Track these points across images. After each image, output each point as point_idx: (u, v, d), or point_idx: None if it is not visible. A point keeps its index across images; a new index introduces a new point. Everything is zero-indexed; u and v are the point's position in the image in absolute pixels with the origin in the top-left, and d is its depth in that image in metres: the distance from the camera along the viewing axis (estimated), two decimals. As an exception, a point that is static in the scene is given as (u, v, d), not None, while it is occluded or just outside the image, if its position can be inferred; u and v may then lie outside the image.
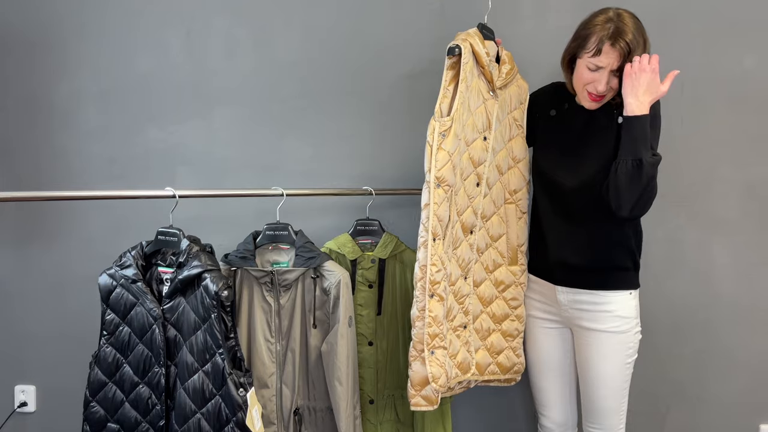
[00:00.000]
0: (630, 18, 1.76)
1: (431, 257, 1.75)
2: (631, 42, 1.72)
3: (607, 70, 1.76)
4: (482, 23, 1.93)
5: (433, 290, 1.77)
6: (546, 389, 2.07)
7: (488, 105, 1.90)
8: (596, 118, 1.89)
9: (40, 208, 2.37)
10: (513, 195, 2.02)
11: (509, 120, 1.99)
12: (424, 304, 1.77)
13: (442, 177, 1.75)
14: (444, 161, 1.75)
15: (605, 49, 1.74)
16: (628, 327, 1.90)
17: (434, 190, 1.74)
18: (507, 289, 2.04)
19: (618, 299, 1.90)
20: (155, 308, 1.80)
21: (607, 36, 1.73)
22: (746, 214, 2.27)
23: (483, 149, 1.89)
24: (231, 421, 1.74)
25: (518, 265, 2.04)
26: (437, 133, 1.75)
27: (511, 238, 2.03)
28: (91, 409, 1.90)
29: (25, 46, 2.32)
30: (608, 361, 1.91)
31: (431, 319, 1.77)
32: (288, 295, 1.96)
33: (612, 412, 1.94)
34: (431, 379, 1.78)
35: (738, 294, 2.31)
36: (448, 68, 1.79)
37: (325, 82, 2.29)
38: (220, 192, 2.25)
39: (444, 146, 1.74)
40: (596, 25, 1.76)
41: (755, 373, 2.33)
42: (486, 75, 1.87)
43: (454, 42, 1.79)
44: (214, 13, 2.29)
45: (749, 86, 2.23)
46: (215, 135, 2.32)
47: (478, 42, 1.83)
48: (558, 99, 1.98)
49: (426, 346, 1.78)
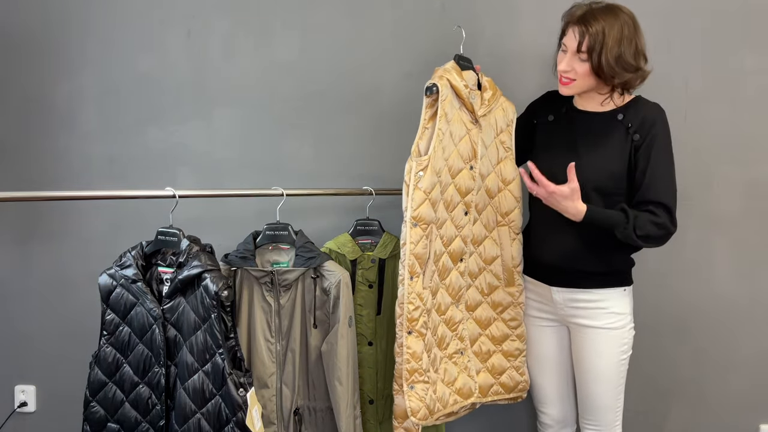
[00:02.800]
0: (613, 12, 1.77)
1: (408, 295, 1.79)
2: (594, 29, 1.73)
3: (570, 51, 1.80)
4: (458, 54, 1.94)
5: (411, 327, 1.80)
6: (543, 386, 2.07)
7: (472, 134, 1.91)
8: (596, 121, 1.89)
9: (40, 208, 2.37)
10: (505, 217, 2.02)
11: (496, 144, 1.99)
12: (402, 341, 1.80)
13: (419, 216, 1.77)
14: (420, 200, 1.77)
15: (568, 30, 1.80)
16: (622, 323, 1.91)
17: (411, 229, 1.77)
18: (505, 310, 2.04)
19: (613, 296, 1.91)
20: (155, 308, 1.80)
21: (573, 19, 1.78)
22: (746, 214, 2.27)
23: (470, 178, 1.91)
24: (231, 421, 1.74)
25: (515, 285, 2.03)
26: (413, 172, 1.78)
27: (506, 259, 2.02)
28: (91, 409, 1.90)
29: (25, 46, 2.32)
30: (603, 357, 1.92)
31: (409, 355, 1.80)
32: (288, 295, 1.96)
33: (608, 408, 1.95)
34: (410, 414, 1.81)
35: (738, 294, 2.31)
36: (427, 107, 1.83)
37: (325, 82, 2.29)
38: (220, 192, 2.25)
39: (420, 185, 1.77)
40: (579, 8, 1.81)
41: (755, 372, 2.33)
42: (467, 106, 1.88)
43: (431, 81, 1.82)
44: (214, 13, 2.29)
45: (750, 85, 2.23)
46: (215, 135, 2.32)
47: (455, 76, 1.85)
48: (555, 104, 1.99)
49: (405, 381, 1.81)
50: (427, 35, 2.26)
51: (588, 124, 1.90)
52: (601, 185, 1.85)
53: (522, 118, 2.06)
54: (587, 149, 1.88)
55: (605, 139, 1.87)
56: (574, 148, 1.90)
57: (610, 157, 1.85)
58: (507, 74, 2.20)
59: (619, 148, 1.85)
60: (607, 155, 1.85)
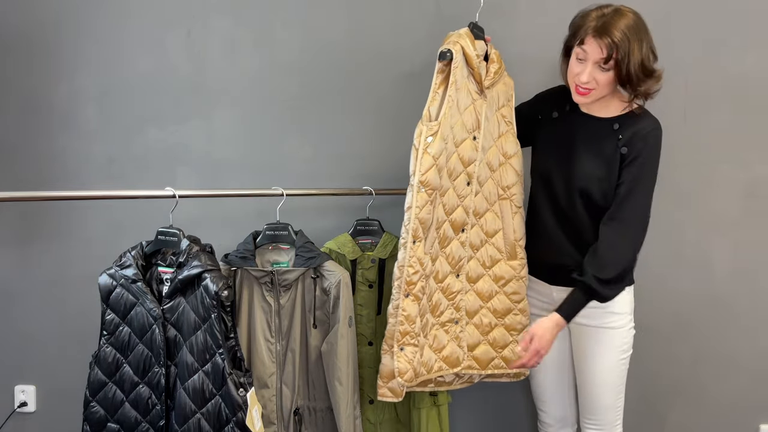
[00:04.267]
0: (626, 17, 1.74)
1: (409, 258, 1.80)
2: (619, 39, 1.71)
3: (590, 61, 1.76)
4: (473, 22, 1.93)
5: (408, 290, 1.82)
6: (544, 384, 2.08)
7: (477, 105, 1.91)
8: (595, 125, 1.89)
9: (40, 208, 2.36)
10: (507, 191, 2.02)
11: (497, 117, 1.99)
12: (398, 303, 1.82)
13: (426, 181, 1.78)
14: (429, 165, 1.77)
15: (588, 40, 1.75)
16: (622, 323, 1.92)
17: (417, 193, 1.78)
18: (507, 283, 2.03)
19: None
20: (155, 308, 1.80)
21: (593, 28, 1.74)
22: (746, 213, 2.27)
23: (473, 149, 1.91)
24: (231, 421, 1.74)
25: (518, 259, 2.03)
26: (423, 136, 1.78)
27: (507, 233, 2.02)
28: (91, 409, 1.90)
29: (24, 46, 2.32)
30: (603, 356, 1.92)
31: (404, 317, 1.82)
32: (288, 295, 1.96)
33: (608, 408, 1.95)
34: (397, 374, 1.84)
35: (738, 294, 2.31)
36: (439, 72, 1.82)
37: (324, 82, 2.29)
38: (220, 192, 2.25)
39: (429, 150, 1.77)
40: (589, 17, 1.77)
41: (755, 372, 2.33)
42: (475, 76, 1.88)
43: (445, 46, 1.81)
44: (214, 13, 2.28)
45: (751, 85, 2.23)
46: (215, 135, 2.32)
47: (468, 43, 1.84)
48: (562, 101, 1.97)
49: (396, 342, 1.83)
50: (426, 35, 2.26)
51: (586, 128, 1.90)
52: (586, 191, 1.85)
53: (526, 108, 2.06)
54: (580, 153, 1.88)
55: (598, 145, 1.86)
56: (569, 150, 1.90)
57: (598, 165, 1.85)
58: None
59: (609, 157, 1.84)
60: (596, 162, 1.85)
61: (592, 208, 1.86)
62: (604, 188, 1.84)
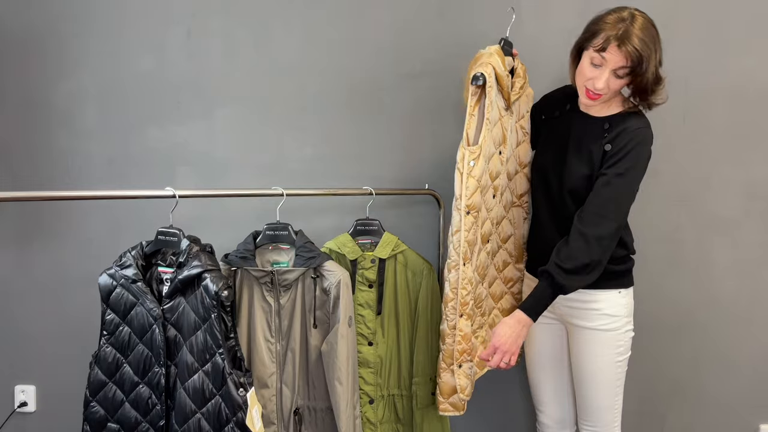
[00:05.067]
0: (643, 23, 1.71)
1: (461, 281, 1.83)
2: (642, 49, 1.68)
3: (608, 68, 1.73)
4: (504, 38, 1.92)
5: (463, 311, 1.85)
6: (542, 385, 2.08)
7: (504, 120, 1.92)
8: (589, 124, 1.88)
9: (40, 208, 2.36)
10: (519, 198, 2.07)
11: (516, 128, 2.01)
12: (455, 323, 1.86)
13: (473, 204, 1.80)
14: (474, 188, 1.79)
15: (611, 48, 1.70)
16: (617, 325, 1.89)
17: (465, 217, 1.79)
18: (514, 284, 2.11)
19: (605, 297, 1.88)
20: (155, 308, 1.80)
21: (615, 36, 1.69)
22: (746, 214, 2.27)
23: (499, 162, 1.92)
24: (231, 421, 1.74)
25: (522, 261, 2.11)
26: (467, 161, 1.79)
27: (517, 238, 2.08)
28: (91, 409, 1.90)
29: (24, 45, 2.32)
30: (598, 358, 1.91)
31: (461, 337, 1.86)
32: (288, 295, 1.96)
33: (605, 409, 1.94)
34: (459, 390, 1.88)
35: (738, 294, 2.31)
36: (472, 94, 1.82)
37: (325, 82, 2.29)
38: (220, 192, 2.25)
39: (473, 174, 1.79)
40: (607, 22, 1.72)
41: (755, 372, 2.33)
42: (504, 93, 1.89)
43: (477, 69, 1.79)
44: (214, 13, 2.29)
45: (751, 85, 2.23)
46: (215, 135, 2.32)
47: (499, 63, 1.83)
48: (564, 101, 1.97)
49: (455, 361, 1.87)
50: (427, 35, 2.26)
51: (582, 126, 1.89)
52: (575, 189, 1.85)
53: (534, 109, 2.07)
54: (572, 152, 1.88)
55: (589, 144, 1.85)
56: (563, 149, 1.90)
57: (586, 162, 1.84)
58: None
59: (595, 154, 1.83)
60: (584, 160, 1.84)
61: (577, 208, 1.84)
62: (589, 186, 1.82)
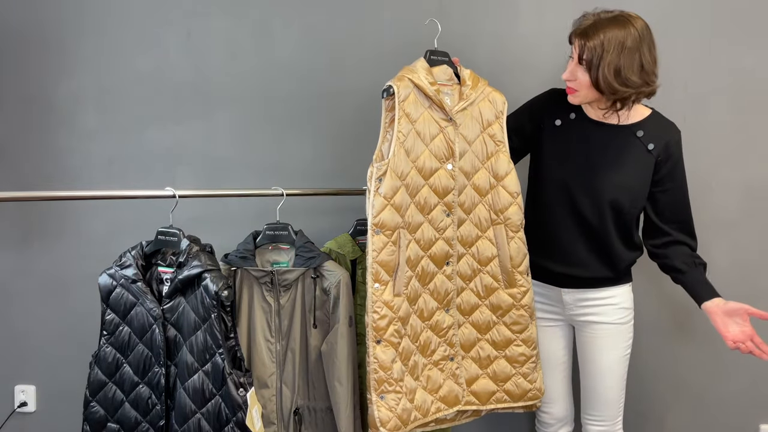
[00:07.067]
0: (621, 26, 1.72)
1: (372, 304, 1.77)
2: (590, 46, 1.72)
3: (573, 61, 1.80)
4: (430, 49, 1.91)
5: (379, 336, 1.77)
6: (550, 386, 2.07)
7: (447, 132, 1.86)
8: (613, 135, 1.87)
9: (40, 208, 2.36)
10: (500, 215, 1.93)
11: (483, 138, 1.92)
12: (369, 350, 1.78)
13: (381, 222, 1.76)
14: (381, 206, 1.76)
15: (573, 41, 1.80)
16: (629, 318, 1.96)
17: (374, 236, 1.76)
18: (506, 313, 1.96)
19: (622, 291, 1.95)
20: (155, 308, 1.80)
21: (577, 30, 1.78)
22: (746, 214, 2.27)
23: (448, 177, 1.87)
24: (231, 421, 1.74)
25: (516, 287, 1.94)
26: (374, 178, 1.76)
27: (503, 260, 1.93)
28: (91, 409, 1.90)
29: (24, 45, 2.32)
30: (612, 351, 1.95)
31: (377, 365, 1.77)
32: (288, 295, 1.96)
33: (613, 402, 1.98)
34: (379, 424, 1.77)
35: (738, 294, 2.30)
36: (386, 109, 1.80)
37: (324, 82, 2.29)
38: (220, 192, 2.25)
39: (380, 191, 1.75)
40: (587, 17, 1.79)
41: (755, 373, 2.33)
42: (437, 104, 1.84)
43: (389, 82, 1.80)
44: (214, 13, 2.29)
45: (750, 85, 2.23)
46: (215, 135, 2.32)
47: (419, 75, 1.82)
48: (563, 108, 1.94)
49: (374, 391, 1.78)
50: (427, 35, 2.25)
51: (604, 137, 1.88)
52: (618, 202, 1.85)
53: (521, 116, 2.01)
54: (604, 164, 1.86)
55: (624, 155, 1.85)
56: (590, 161, 1.88)
57: (629, 174, 1.84)
58: (506, 76, 2.20)
59: (641, 166, 1.85)
60: (627, 172, 1.85)
61: (620, 219, 1.87)
62: (632, 197, 1.86)
